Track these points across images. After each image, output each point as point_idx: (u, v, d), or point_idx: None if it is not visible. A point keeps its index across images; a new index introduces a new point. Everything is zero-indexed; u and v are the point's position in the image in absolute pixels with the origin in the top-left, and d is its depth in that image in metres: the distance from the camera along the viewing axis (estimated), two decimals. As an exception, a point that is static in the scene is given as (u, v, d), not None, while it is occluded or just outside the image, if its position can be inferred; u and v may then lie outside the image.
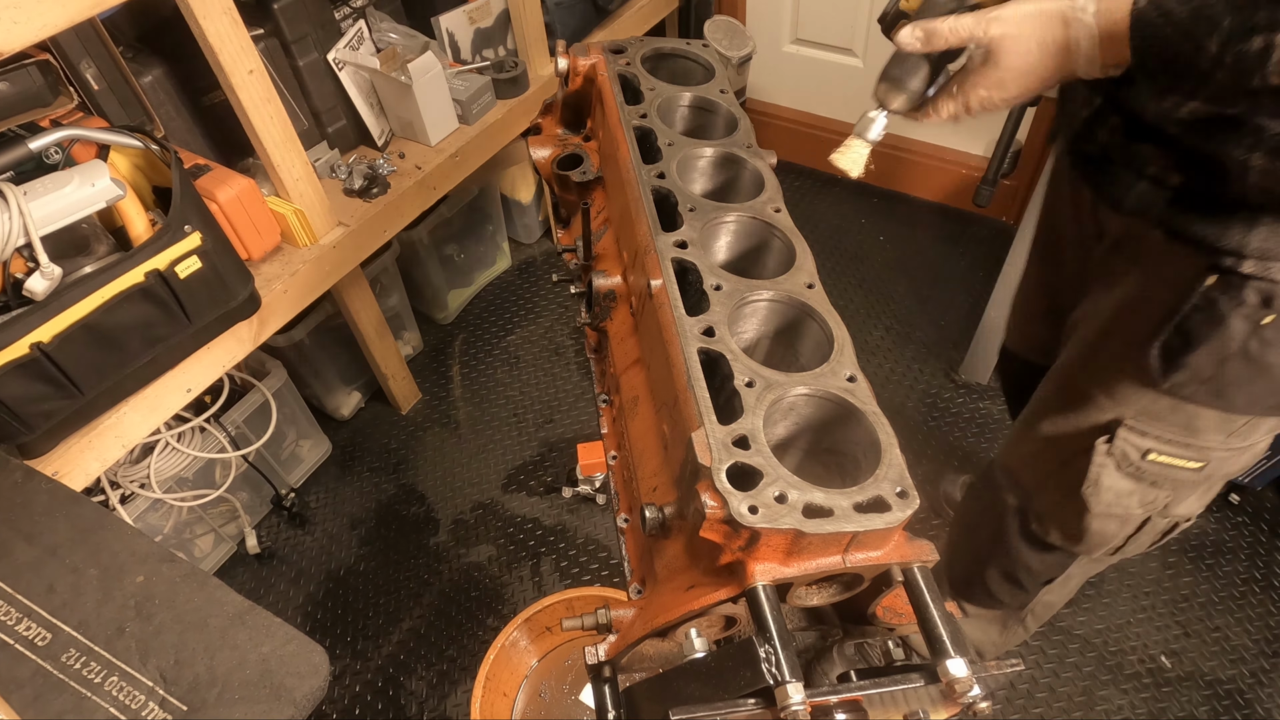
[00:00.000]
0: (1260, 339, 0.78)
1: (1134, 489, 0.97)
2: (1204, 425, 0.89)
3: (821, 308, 0.71)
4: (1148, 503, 0.98)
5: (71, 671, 0.82)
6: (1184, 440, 0.91)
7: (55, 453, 1.28)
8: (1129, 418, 0.92)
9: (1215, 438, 0.90)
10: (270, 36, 1.59)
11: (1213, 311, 0.79)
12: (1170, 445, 0.92)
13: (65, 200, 1.13)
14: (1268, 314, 0.77)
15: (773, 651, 0.52)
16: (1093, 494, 0.98)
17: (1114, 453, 0.94)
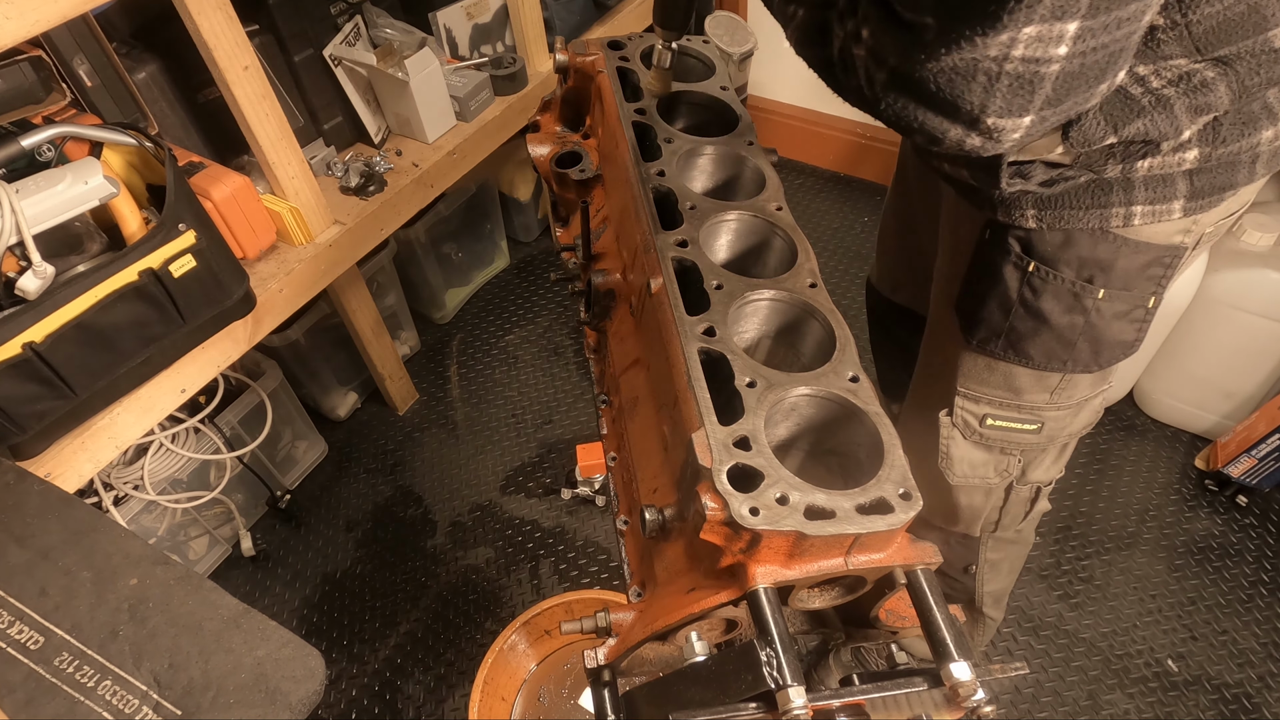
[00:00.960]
0: (1030, 287, 0.84)
1: (986, 458, 1.02)
2: (1023, 384, 0.95)
3: (824, 307, 0.71)
4: (1003, 470, 1.03)
5: (64, 675, 0.82)
6: (1012, 402, 0.96)
7: (48, 454, 1.28)
8: (960, 384, 0.98)
9: (1039, 397, 0.95)
10: (265, 32, 1.59)
11: (989, 264, 0.86)
12: (1002, 409, 0.97)
13: (58, 198, 1.13)
14: (1030, 260, 0.83)
15: (774, 655, 0.52)
16: (947, 467, 1.03)
17: (956, 423, 1.00)
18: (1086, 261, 0.82)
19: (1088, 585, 1.76)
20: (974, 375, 0.97)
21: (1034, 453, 1.02)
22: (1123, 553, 1.81)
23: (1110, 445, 2.00)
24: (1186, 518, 1.85)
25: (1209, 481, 1.89)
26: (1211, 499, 1.88)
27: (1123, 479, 1.93)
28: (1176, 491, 1.90)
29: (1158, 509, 1.87)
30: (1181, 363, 1.87)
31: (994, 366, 0.95)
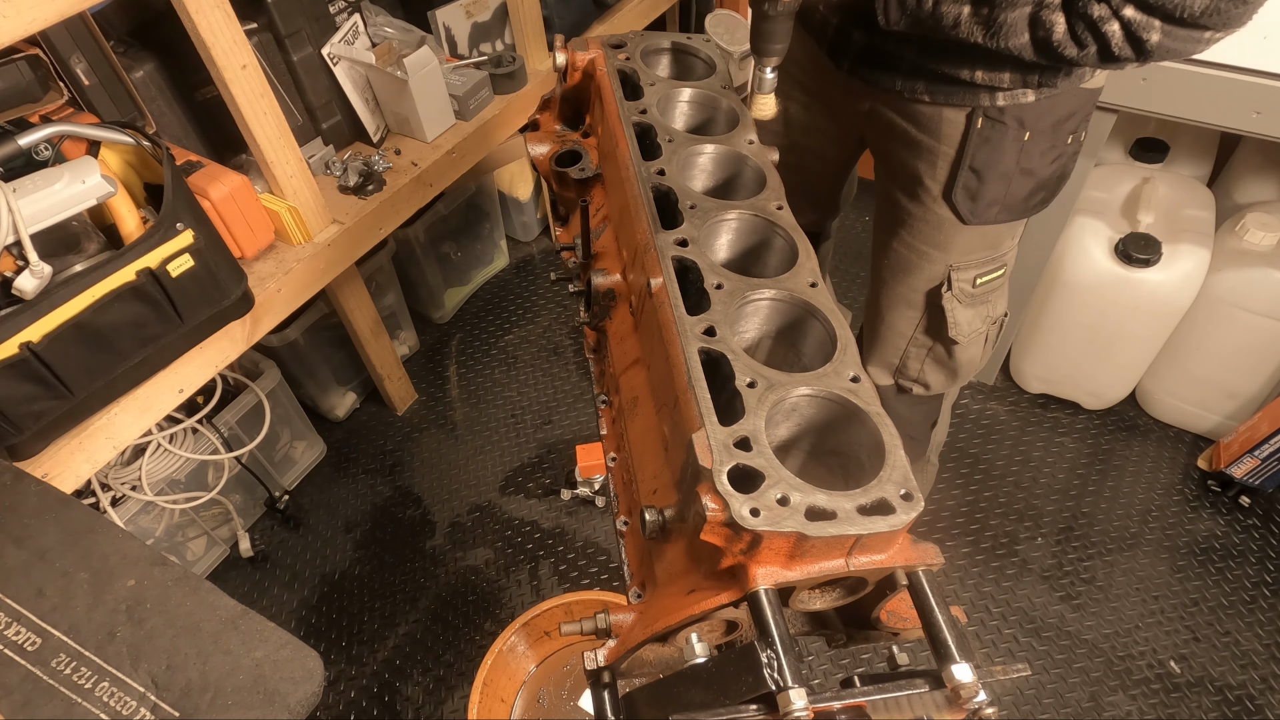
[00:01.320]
0: (1025, 152, 1.03)
1: (975, 312, 1.21)
2: (1002, 237, 1.16)
3: (825, 307, 0.71)
4: (985, 316, 1.23)
5: (61, 677, 0.82)
6: (992, 256, 1.16)
7: (45, 454, 1.28)
8: (953, 261, 1.15)
9: (1008, 243, 1.18)
10: (264, 31, 1.59)
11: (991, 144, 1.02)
12: (986, 265, 1.17)
13: (55, 197, 1.13)
14: (1025, 132, 1.01)
15: (775, 656, 0.52)
16: (958, 332, 1.21)
17: (955, 293, 1.18)
18: (1062, 116, 1.02)
19: (1090, 586, 1.76)
20: (967, 247, 1.14)
21: (999, 293, 1.23)
22: (1125, 554, 1.81)
23: (1112, 445, 2.00)
24: (1189, 518, 1.85)
25: (1211, 482, 1.89)
26: (1214, 500, 1.88)
27: (1125, 479, 1.93)
28: (1179, 492, 1.90)
29: (1160, 510, 1.87)
30: (1184, 363, 1.87)
31: (986, 233, 1.13)
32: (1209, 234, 1.70)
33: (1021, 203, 1.10)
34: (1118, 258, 1.70)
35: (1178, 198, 1.77)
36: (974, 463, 2.00)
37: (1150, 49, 0.76)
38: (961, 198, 1.09)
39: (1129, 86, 1.40)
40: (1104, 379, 1.98)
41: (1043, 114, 1.01)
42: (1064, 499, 1.91)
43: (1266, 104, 1.31)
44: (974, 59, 0.96)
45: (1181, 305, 1.72)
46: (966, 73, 0.98)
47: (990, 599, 1.76)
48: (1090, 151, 1.57)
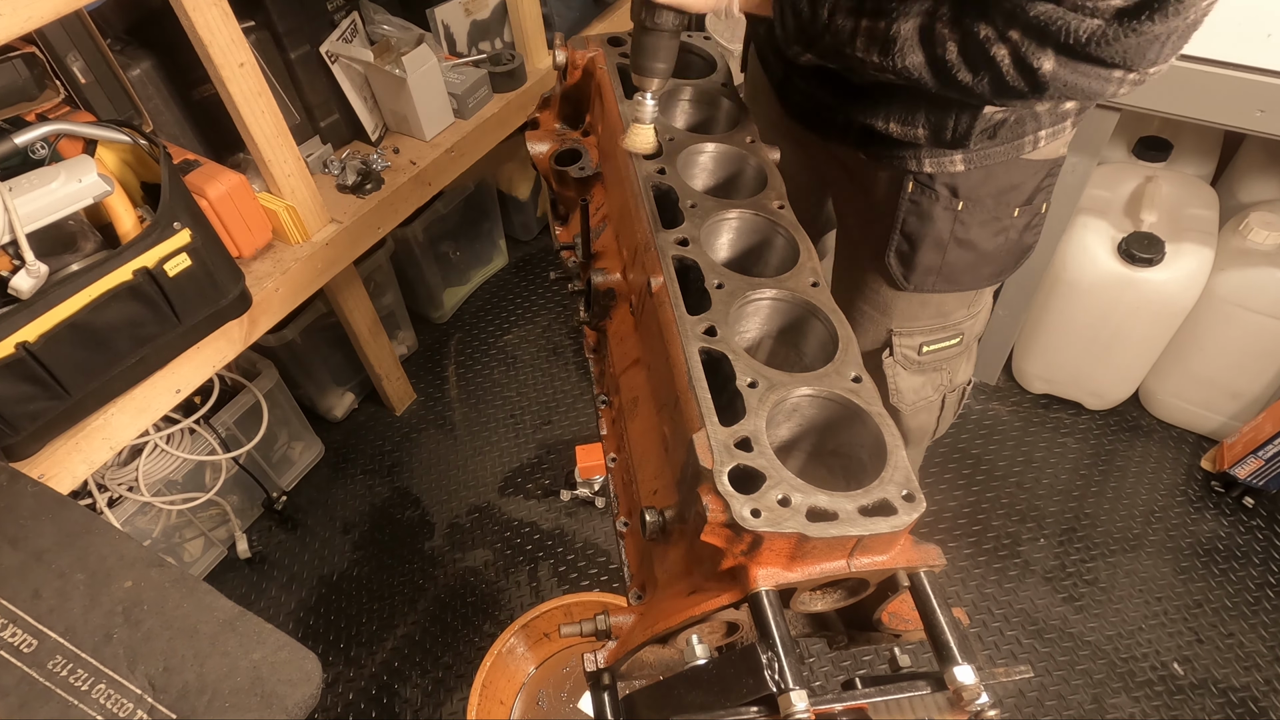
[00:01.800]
0: (960, 223, 0.98)
1: (924, 380, 1.18)
2: (950, 307, 1.11)
3: (826, 306, 0.71)
4: (938, 385, 1.20)
5: (58, 679, 0.82)
6: (941, 325, 1.13)
7: (41, 455, 1.28)
8: (895, 325, 1.12)
9: (960, 313, 1.13)
10: (261, 29, 1.59)
11: (921, 212, 0.99)
12: (935, 334, 1.13)
13: (51, 196, 1.13)
14: (958, 201, 0.97)
15: (776, 658, 0.52)
16: (899, 400, 1.17)
17: (898, 359, 1.15)
18: (1002, 188, 0.97)
19: (1092, 588, 1.76)
20: (908, 314, 1.11)
21: (956, 361, 1.20)
22: (1128, 555, 1.81)
23: (1115, 446, 2.00)
24: (1192, 519, 1.85)
25: (1215, 483, 1.90)
26: (1218, 500, 1.88)
27: (1128, 480, 1.93)
28: (1182, 493, 1.90)
29: (1163, 510, 1.87)
30: (1187, 363, 1.87)
31: (927, 301, 1.09)
32: (1212, 233, 1.70)
33: (965, 275, 1.05)
34: (1120, 257, 1.70)
35: (1181, 197, 1.77)
36: (976, 463, 2.00)
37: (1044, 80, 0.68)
38: (895, 263, 1.05)
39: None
40: (1107, 379, 1.98)
41: (978, 184, 0.96)
42: (1066, 500, 1.91)
43: (1270, 102, 1.31)
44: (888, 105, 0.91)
45: (1185, 305, 1.72)
46: (881, 124, 0.92)
47: (992, 600, 1.76)
48: (1093, 150, 1.57)
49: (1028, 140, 0.92)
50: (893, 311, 1.11)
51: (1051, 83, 0.68)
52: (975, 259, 1.03)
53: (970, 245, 1.01)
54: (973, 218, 0.98)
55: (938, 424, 1.27)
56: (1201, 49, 1.32)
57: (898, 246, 1.03)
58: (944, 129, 0.89)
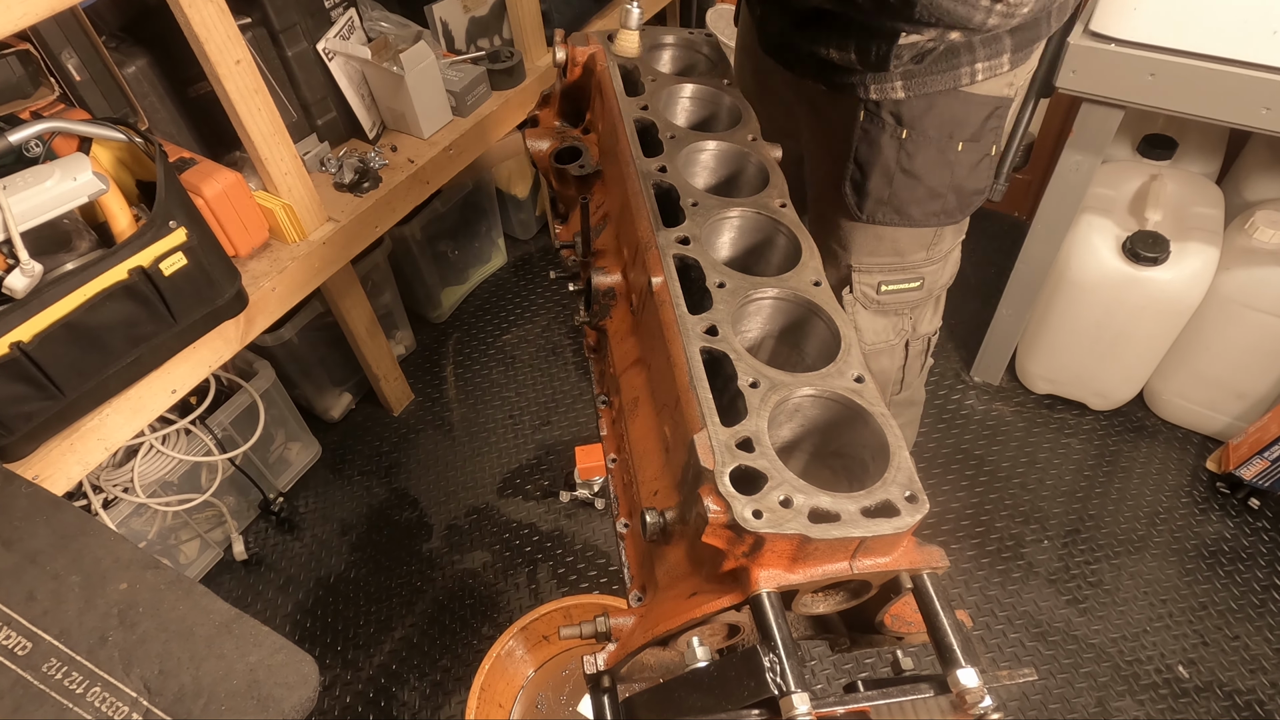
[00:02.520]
0: (905, 152, 1.03)
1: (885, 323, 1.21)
2: (905, 246, 1.14)
3: (828, 306, 0.71)
4: (899, 329, 1.23)
5: (52, 682, 0.82)
6: (898, 264, 1.16)
7: (35, 456, 1.28)
8: (854, 260, 1.16)
9: (919, 255, 1.16)
10: (258, 25, 1.59)
11: (870, 140, 1.04)
12: (891, 273, 1.16)
13: (46, 195, 1.13)
14: (902, 129, 1.01)
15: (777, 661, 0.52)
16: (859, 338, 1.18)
17: (858, 296, 1.18)
18: (945, 120, 1.01)
19: (1096, 590, 1.76)
20: (865, 248, 1.15)
21: (920, 309, 1.23)
22: (1132, 556, 1.81)
23: (1120, 447, 2.00)
24: (1197, 521, 1.85)
25: (1220, 484, 1.90)
26: (1223, 502, 1.88)
27: (1132, 481, 1.94)
28: (1187, 494, 1.90)
29: (1168, 512, 1.87)
30: (1192, 363, 1.87)
31: (881, 235, 1.14)
32: (1218, 232, 1.70)
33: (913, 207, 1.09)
34: (1125, 256, 1.70)
35: (1186, 195, 1.77)
36: (979, 464, 2.00)
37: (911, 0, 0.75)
38: (849, 191, 1.10)
39: (1137, 82, 1.40)
40: (1111, 379, 1.98)
41: (920, 113, 1.01)
42: (1070, 501, 1.91)
43: (1276, 100, 1.31)
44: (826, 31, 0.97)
45: (1190, 304, 1.72)
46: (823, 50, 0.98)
47: (996, 602, 1.76)
48: (1097, 148, 1.57)
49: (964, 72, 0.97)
50: (851, 245, 1.16)
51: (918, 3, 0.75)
52: (923, 192, 1.07)
53: (915, 176, 1.06)
54: (917, 148, 1.03)
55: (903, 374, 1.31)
56: (1207, 46, 1.32)
57: (851, 175, 1.08)
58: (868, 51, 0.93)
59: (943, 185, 1.07)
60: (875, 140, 1.04)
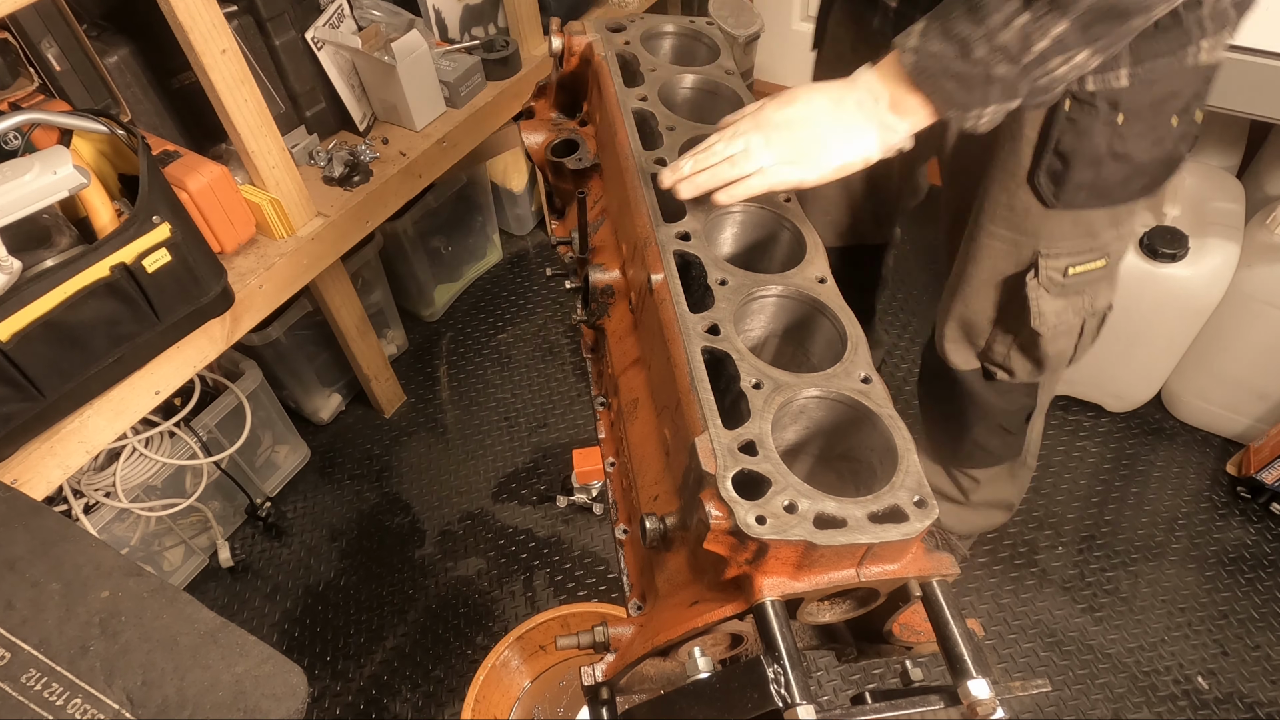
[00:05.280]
0: (1119, 136, 0.99)
1: (1066, 303, 1.17)
2: (1099, 225, 1.11)
3: (834, 304, 0.71)
4: (1079, 309, 1.20)
5: (31, 693, 0.82)
6: (1088, 245, 1.12)
7: (14, 459, 1.28)
8: (1041, 246, 1.12)
9: (1109, 233, 1.13)
10: (244, 14, 1.59)
11: (1079, 129, 0.99)
12: (1080, 255, 1.13)
13: (25, 189, 1.13)
14: (1118, 114, 0.97)
15: (782, 672, 0.52)
16: (1040, 323, 1.17)
17: (1042, 281, 1.14)
18: (1162, 97, 0.97)
19: (1113, 598, 1.76)
20: (1056, 234, 1.11)
21: (1100, 285, 1.19)
22: (1150, 563, 1.81)
23: (1137, 450, 2.00)
24: (1218, 526, 1.85)
25: (1241, 488, 1.89)
26: (1244, 507, 1.88)
27: (1150, 485, 1.93)
28: (1207, 499, 1.90)
29: (1187, 517, 1.87)
30: (1212, 363, 1.87)
31: (1077, 219, 1.09)
32: (1238, 227, 1.70)
33: (1117, 188, 1.06)
34: (1143, 252, 1.70)
35: (1205, 189, 1.77)
36: (991, 468, 2.00)
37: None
38: (1044, 181, 1.05)
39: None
40: (1128, 380, 1.98)
41: (1138, 95, 0.96)
42: (1086, 506, 1.91)
43: (1299, 91, 1.31)
44: None
45: (1210, 302, 1.72)
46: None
47: (1008, 611, 1.76)
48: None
49: (1190, 50, 0.93)
50: (1039, 232, 1.11)
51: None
52: (1130, 171, 1.04)
53: (1126, 158, 1.02)
54: (1131, 129, 0.99)
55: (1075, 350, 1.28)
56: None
57: (1049, 166, 1.03)
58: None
59: (1153, 162, 1.04)
60: (1085, 129, 0.99)
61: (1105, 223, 1.12)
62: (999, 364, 1.30)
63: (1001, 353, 1.28)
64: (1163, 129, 1.01)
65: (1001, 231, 1.14)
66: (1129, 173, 1.04)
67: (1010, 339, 1.25)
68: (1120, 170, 1.04)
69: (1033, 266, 1.14)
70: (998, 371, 1.31)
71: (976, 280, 1.22)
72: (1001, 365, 1.30)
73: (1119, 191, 1.07)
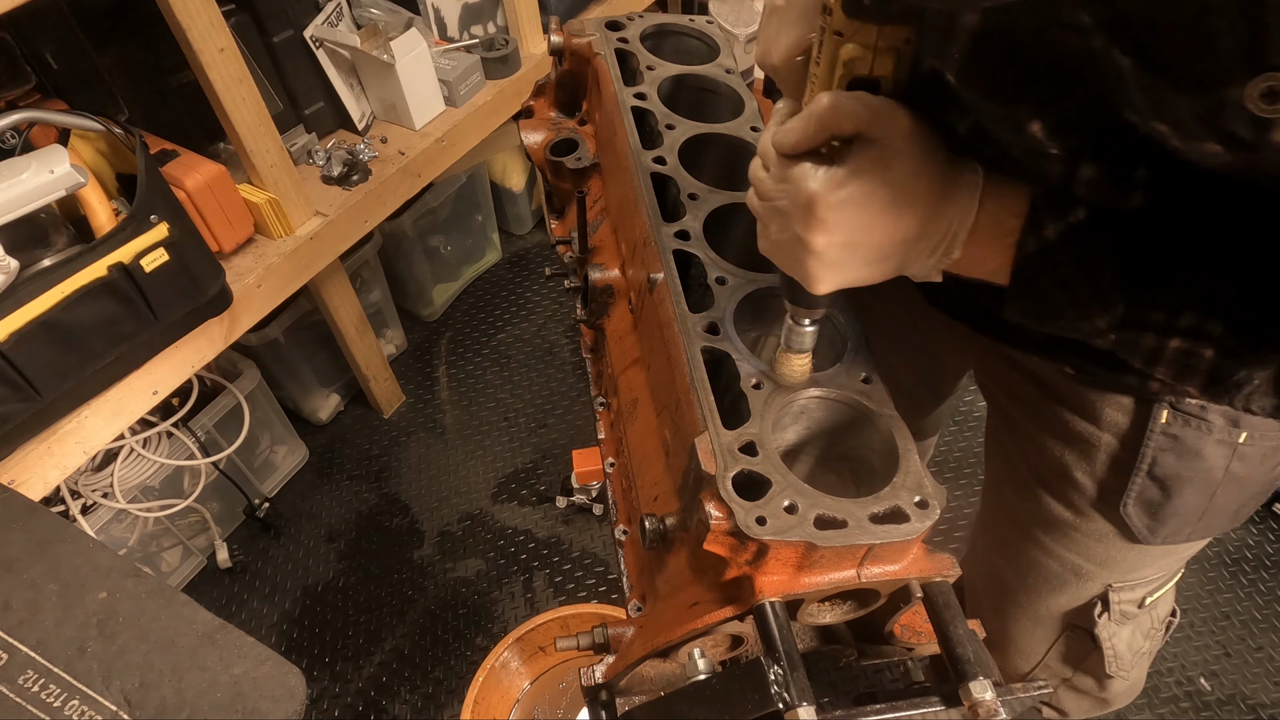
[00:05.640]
0: (1240, 458, 0.75)
1: (1134, 628, 0.98)
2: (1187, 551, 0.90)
3: (835, 304, 0.71)
4: (1150, 632, 1.00)
5: (29, 695, 0.82)
6: (1173, 571, 0.93)
7: (11, 460, 1.28)
8: (1114, 580, 0.90)
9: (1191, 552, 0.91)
10: (242, 12, 1.59)
11: (1182, 448, 0.75)
12: (1159, 582, 0.93)
13: (22, 188, 1.13)
14: (1240, 432, 0.74)
15: (782, 673, 0.52)
16: (1117, 665, 0.98)
17: (1114, 617, 0.93)
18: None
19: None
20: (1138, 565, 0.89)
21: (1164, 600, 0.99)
22: (1152, 564, 1.81)
23: (1139, 450, 2.00)
24: (1220, 527, 1.85)
25: (1244, 489, 1.89)
26: (1246, 507, 1.88)
27: (1152, 486, 1.93)
28: (1209, 499, 1.90)
29: (1189, 518, 1.87)
30: (1215, 363, 1.86)
31: (1172, 551, 0.87)
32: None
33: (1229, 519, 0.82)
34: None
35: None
36: (993, 468, 2.00)
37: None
38: (1137, 514, 0.80)
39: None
40: (1130, 380, 1.97)
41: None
42: (1088, 506, 1.91)
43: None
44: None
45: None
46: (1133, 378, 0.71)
47: (1010, 612, 1.76)
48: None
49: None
50: (1117, 565, 0.88)
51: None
52: (1248, 496, 0.81)
53: (1245, 483, 0.78)
54: (1255, 449, 0.75)
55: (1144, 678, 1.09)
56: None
57: (1141, 492, 0.79)
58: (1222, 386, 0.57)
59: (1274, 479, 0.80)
60: (1193, 449, 0.74)
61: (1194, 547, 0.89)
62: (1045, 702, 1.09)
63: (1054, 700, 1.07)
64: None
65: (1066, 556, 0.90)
66: (1246, 498, 0.81)
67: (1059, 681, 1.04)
68: (1237, 497, 0.80)
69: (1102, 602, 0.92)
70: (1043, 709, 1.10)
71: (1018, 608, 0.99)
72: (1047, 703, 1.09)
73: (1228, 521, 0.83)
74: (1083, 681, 1.02)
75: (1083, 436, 0.79)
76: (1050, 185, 0.53)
